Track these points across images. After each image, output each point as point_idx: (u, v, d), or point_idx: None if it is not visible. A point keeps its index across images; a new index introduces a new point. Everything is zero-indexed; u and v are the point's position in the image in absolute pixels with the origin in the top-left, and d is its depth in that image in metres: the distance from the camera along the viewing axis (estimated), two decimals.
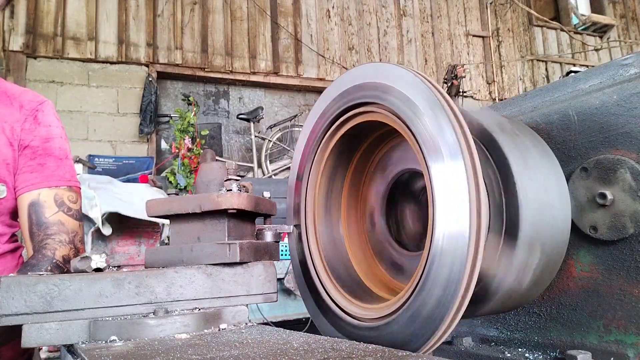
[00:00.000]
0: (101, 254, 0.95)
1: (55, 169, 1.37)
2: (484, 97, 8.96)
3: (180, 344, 0.78)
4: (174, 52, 6.76)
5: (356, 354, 0.67)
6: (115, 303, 0.89)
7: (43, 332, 0.84)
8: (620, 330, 1.06)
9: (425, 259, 0.91)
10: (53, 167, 1.36)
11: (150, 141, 6.51)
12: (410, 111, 0.98)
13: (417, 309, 0.91)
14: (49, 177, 1.35)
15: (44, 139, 1.37)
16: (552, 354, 1.16)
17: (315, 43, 7.75)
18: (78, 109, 6.12)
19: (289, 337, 0.82)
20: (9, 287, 0.83)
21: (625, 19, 10.91)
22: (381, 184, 1.38)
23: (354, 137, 1.26)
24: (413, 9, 8.73)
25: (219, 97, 7.39)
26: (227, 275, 1.00)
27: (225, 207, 1.00)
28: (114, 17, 6.49)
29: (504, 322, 1.29)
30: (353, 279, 1.27)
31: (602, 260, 1.11)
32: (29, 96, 1.46)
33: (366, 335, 1.02)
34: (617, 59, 1.16)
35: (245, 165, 6.90)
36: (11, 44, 5.83)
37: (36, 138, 1.36)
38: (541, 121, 1.26)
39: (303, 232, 1.26)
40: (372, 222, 1.40)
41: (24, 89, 1.53)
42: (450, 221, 0.88)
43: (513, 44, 9.53)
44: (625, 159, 1.07)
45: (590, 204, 1.12)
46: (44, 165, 1.34)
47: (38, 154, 1.35)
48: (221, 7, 7.16)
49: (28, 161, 1.34)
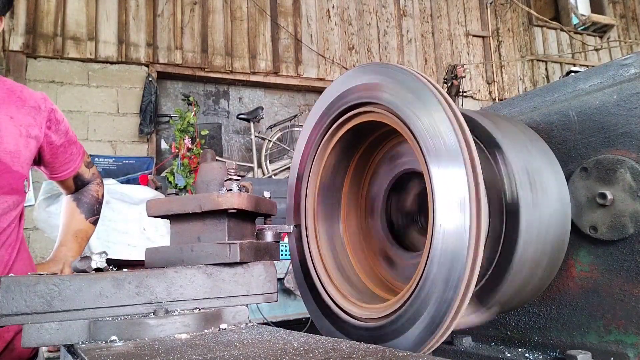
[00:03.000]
0: (101, 254, 0.95)
1: (77, 150, 1.80)
2: (484, 97, 8.96)
3: (180, 344, 0.78)
4: (174, 52, 6.75)
5: (357, 354, 0.67)
6: (115, 303, 0.89)
7: (43, 332, 0.84)
8: (620, 330, 1.06)
9: (425, 259, 0.91)
10: (76, 151, 1.79)
11: (150, 141, 6.50)
12: (410, 111, 0.98)
13: (417, 309, 0.91)
14: (77, 158, 1.80)
15: (64, 133, 1.71)
16: (552, 354, 1.16)
17: (315, 43, 7.74)
18: (78, 109, 6.11)
19: (289, 337, 0.82)
20: (9, 287, 0.83)
21: (625, 19, 10.90)
22: (381, 184, 1.38)
23: (354, 137, 1.26)
24: (413, 9, 8.73)
25: (219, 97, 7.38)
26: (228, 275, 1.00)
27: (225, 207, 1.00)
28: (114, 17, 6.48)
29: (504, 322, 1.29)
30: (353, 279, 1.27)
31: (602, 260, 1.11)
32: (37, 96, 1.63)
33: (366, 335, 1.02)
34: (617, 59, 1.16)
35: (245, 165, 6.90)
36: (11, 44, 5.83)
37: (62, 136, 1.70)
38: (541, 121, 1.26)
39: (303, 232, 1.26)
40: (372, 221, 1.40)
41: (23, 86, 1.64)
42: (450, 221, 0.88)
43: (513, 44, 9.53)
44: (625, 159, 1.07)
45: (590, 204, 1.12)
46: (72, 154, 1.77)
47: (67, 147, 1.73)
48: (221, 7, 7.15)
49: (63, 155, 1.73)
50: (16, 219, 1.58)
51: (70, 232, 1.76)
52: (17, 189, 1.53)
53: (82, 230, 1.78)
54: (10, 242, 1.55)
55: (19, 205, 1.58)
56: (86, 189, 1.87)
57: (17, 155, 1.50)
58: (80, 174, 1.82)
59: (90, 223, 1.82)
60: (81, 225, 1.79)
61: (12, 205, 1.53)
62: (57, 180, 1.80)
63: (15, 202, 1.55)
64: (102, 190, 1.92)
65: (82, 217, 1.80)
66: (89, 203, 1.84)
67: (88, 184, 1.88)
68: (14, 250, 1.56)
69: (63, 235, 1.75)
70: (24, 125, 1.53)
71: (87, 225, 1.81)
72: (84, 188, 1.87)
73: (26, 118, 1.55)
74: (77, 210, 1.81)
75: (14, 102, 1.53)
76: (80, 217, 1.80)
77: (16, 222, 1.59)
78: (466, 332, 1.34)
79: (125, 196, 3.25)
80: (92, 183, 1.90)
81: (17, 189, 1.53)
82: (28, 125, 1.54)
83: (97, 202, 1.87)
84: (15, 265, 1.55)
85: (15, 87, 1.59)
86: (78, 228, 1.78)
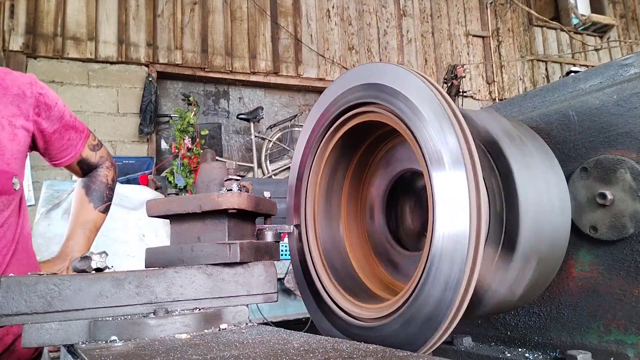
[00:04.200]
0: (101, 254, 0.95)
1: (77, 134, 1.68)
2: (484, 97, 8.96)
3: (180, 344, 0.78)
4: (174, 52, 6.76)
5: (357, 354, 0.67)
6: (115, 303, 0.89)
7: (43, 332, 0.84)
8: (620, 330, 1.06)
9: (425, 259, 0.91)
10: (75, 135, 1.68)
11: (150, 141, 6.51)
12: (410, 111, 0.98)
13: (417, 309, 0.91)
14: (78, 143, 1.69)
15: (59, 118, 1.60)
16: (552, 354, 1.16)
17: (315, 43, 7.75)
18: (78, 109, 6.11)
19: (289, 337, 0.82)
20: (9, 287, 0.83)
21: (625, 19, 10.91)
22: (381, 184, 1.38)
23: (354, 137, 1.26)
24: (413, 9, 8.73)
25: (219, 97, 7.39)
26: (228, 275, 1.00)
27: (225, 207, 1.00)
28: (114, 17, 6.49)
29: (504, 322, 1.29)
30: (353, 279, 1.27)
31: (602, 260, 1.11)
32: (22, 81, 1.50)
33: (366, 335, 1.02)
34: (617, 59, 1.16)
35: (245, 165, 6.90)
36: (11, 44, 5.83)
37: (55, 121, 1.58)
38: (541, 121, 1.26)
39: (303, 232, 1.26)
40: (372, 221, 1.40)
41: (8, 71, 1.51)
42: (450, 221, 0.88)
43: (513, 44, 9.53)
44: (625, 159, 1.07)
45: (590, 204, 1.12)
46: (71, 139, 1.66)
47: (62, 132, 1.62)
48: (221, 7, 7.16)
49: (59, 141, 1.63)
50: (10, 219, 1.50)
51: (78, 223, 1.71)
52: (5, 188, 1.44)
53: (91, 221, 1.73)
54: (4, 244, 1.47)
55: (10, 205, 1.49)
56: (95, 174, 1.79)
57: (1, 152, 1.40)
58: (85, 158, 1.74)
59: (100, 212, 1.76)
60: (90, 215, 1.74)
61: (0, 206, 1.45)
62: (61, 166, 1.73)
63: (5, 203, 1.46)
64: (112, 173, 1.83)
65: (90, 207, 1.75)
66: (98, 190, 1.77)
67: (97, 168, 1.80)
68: (8, 252, 1.49)
69: (71, 227, 1.71)
70: (6, 117, 1.42)
71: (97, 214, 1.75)
72: (93, 173, 1.79)
73: (9, 108, 1.43)
74: (86, 199, 1.75)
75: None
76: (89, 207, 1.74)
77: (10, 222, 1.50)
78: (466, 332, 1.34)
79: (124, 199, 3.24)
80: (102, 167, 1.81)
81: (5, 188, 1.44)
82: (12, 115, 1.43)
83: (106, 187, 1.79)
84: (8, 269, 1.48)
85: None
86: (87, 219, 1.72)
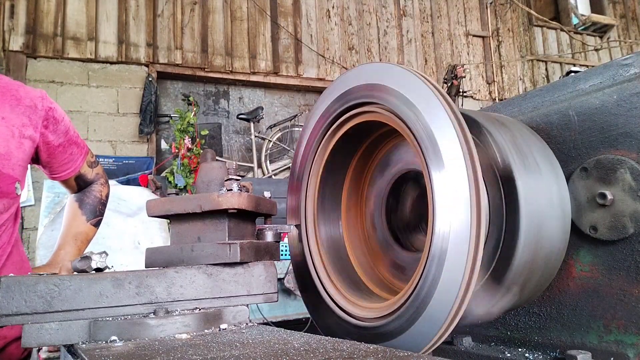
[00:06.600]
0: (101, 254, 0.95)
1: (78, 150, 1.76)
2: (484, 97, 8.95)
3: (180, 344, 0.78)
4: (174, 52, 6.75)
5: (357, 354, 0.67)
6: (115, 303, 0.89)
7: (43, 332, 0.84)
8: (620, 330, 1.06)
9: (425, 259, 0.91)
10: (77, 151, 1.75)
11: (150, 141, 6.50)
12: (410, 112, 0.98)
13: (416, 309, 0.91)
14: (79, 159, 1.77)
15: (64, 133, 1.67)
16: (552, 354, 1.16)
17: (315, 43, 7.74)
18: (78, 109, 6.11)
19: (289, 337, 0.82)
20: (9, 287, 0.83)
21: (625, 19, 10.90)
22: (381, 184, 1.38)
23: (354, 137, 1.26)
24: (413, 9, 8.73)
25: (219, 97, 7.38)
26: (228, 275, 1.00)
27: (225, 207, 1.00)
28: (114, 17, 6.48)
29: (504, 322, 1.29)
30: (353, 279, 1.27)
31: (602, 260, 1.11)
32: (34, 94, 1.58)
33: (366, 335, 1.02)
34: (617, 59, 1.16)
35: (245, 165, 6.90)
36: (11, 44, 5.82)
37: (61, 135, 1.66)
38: (541, 121, 1.26)
39: (303, 232, 1.26)
40: (372, 221, 1.40)
41: (20, 84, 1.58)
42: (450, 221, 0.88)
43: (513, 44, 9.52)
44: (625, 159, 1.07)
45: (590, 204, 1.12)
46: (72, 154, 1.73)
47: (66, 147, 1.69)
48: (221, 7, 7.15)
49: (62, 155, 1.69)
50: (7, 222, 1.55)
51: (70, 234, 1.74)
52: (7, 192, 1.50)
53: (83, 232, 1.76)
54: (0, 246, 1.51)
55: (10, 209, 1.55)
56: (89, 189, 1.85)
57: (8, 158, 1.47)
58: (82, 174, 1.80)
59: (92, 225, 1.80)
60: (82, 227, 1.77)
61: (1, 208, 1.50)
62: (58, 181, 1.78)
63: (6, 206, 1.52)
64: (106, 190, 1.90)
65: (83, 219, 1.78)
66: (91, 204, 1.82)
67: (92, 184, 1.86)
68: (4, 254, 1.53)
69: (63, 237, 1.74)
70: (17, 125, 1.49)
71: (88, 227, 1.79)
72: (88, 188, 1.85)
73: (20, 118, 1.50)
74: (79, 211, 1.79)
75: (8, 101, 1.49)
76: (82, 219, 1.78)
77: (8, 225, 1.56)
78: (466, 332, 1.34)
79: (121, 203, 3.21)
80: (96, 183, 1.88)
81: (7, 192, 1.50)
82: (22, 125, 1.51)
83: (99, 202, 1.85)
84: (3, 270, 1.51)
85: (11, 85, 1.55)
86: (78, 230, 1.76)
